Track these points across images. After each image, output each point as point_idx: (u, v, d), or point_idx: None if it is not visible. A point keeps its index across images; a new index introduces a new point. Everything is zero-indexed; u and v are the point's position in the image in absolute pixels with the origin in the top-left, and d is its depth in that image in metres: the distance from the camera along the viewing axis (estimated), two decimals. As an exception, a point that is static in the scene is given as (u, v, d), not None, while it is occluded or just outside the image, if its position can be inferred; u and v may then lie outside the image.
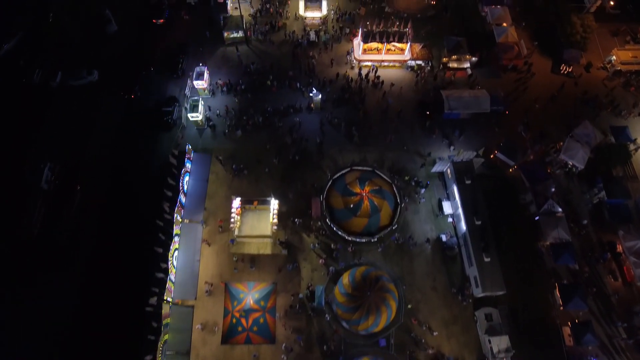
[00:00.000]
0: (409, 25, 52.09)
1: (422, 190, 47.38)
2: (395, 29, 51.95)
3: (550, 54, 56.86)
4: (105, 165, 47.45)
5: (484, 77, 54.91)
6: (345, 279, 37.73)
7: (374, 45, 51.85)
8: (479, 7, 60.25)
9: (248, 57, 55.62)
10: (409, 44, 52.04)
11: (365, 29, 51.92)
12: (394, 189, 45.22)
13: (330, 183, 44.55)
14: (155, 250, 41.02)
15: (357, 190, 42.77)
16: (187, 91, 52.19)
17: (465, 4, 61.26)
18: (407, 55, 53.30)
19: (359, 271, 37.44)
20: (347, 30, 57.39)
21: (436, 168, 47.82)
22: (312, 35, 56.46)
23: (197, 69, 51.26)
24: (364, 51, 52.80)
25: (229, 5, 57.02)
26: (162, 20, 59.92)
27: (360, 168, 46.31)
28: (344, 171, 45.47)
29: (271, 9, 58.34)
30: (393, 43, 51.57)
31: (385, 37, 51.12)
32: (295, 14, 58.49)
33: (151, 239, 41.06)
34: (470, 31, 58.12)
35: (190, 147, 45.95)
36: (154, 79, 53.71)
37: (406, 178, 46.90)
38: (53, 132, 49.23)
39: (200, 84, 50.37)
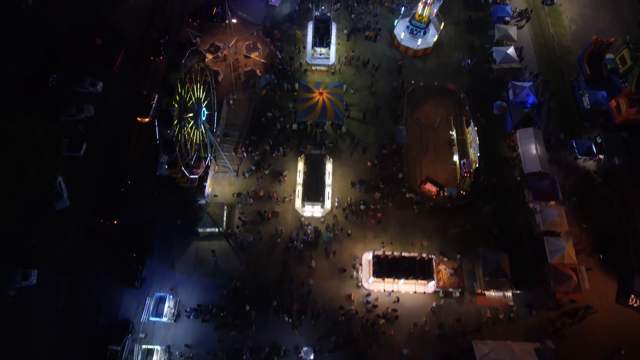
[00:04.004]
0: (436, 257, 39.81)
1: None
2: (417, 255, 39.73)
3: (614, 271, 44.10)
4: None
5: (527, 303, 42.42)
6: None
7: (388, 279, 39.67)
8: (525, 194, 47.40)
9: (227, 260, 43.59)
10: (434, 281, 39.66)
11: (376, 253, 39.81)
12: None
13: None
14: None
15: None
16: (143, 317, 40.55)
17: (508, 187, 48.41)
18: (431, 287, 40.98)
19: None
20: (363, 208, 45.56)
21: None
22: (310, 231, 44.35)
23: (157, 294, 39.84)
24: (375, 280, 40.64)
25: (207, 189, 44.99)
26: (147, 119, 50.43)
27: None
28: None
29: (261, 192, 46.21)
30: (414, 280, 39.30)
31: (402, 270, 38.82)
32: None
33: None
34: (514, 235, 45.52)
35: None
36: (106, 285, 42.39)
37: None
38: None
39: (158, 319, 38.98)
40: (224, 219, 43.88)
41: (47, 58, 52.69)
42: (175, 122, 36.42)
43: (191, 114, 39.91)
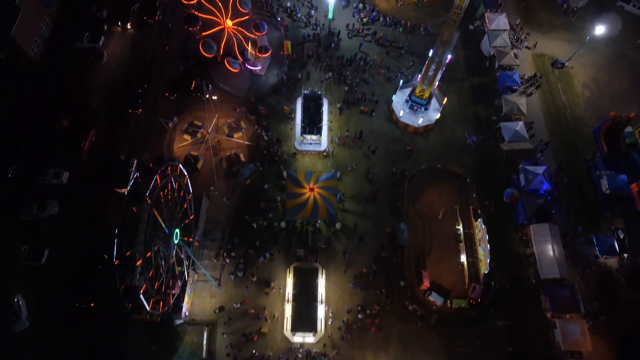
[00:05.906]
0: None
1: None
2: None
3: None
4: None
5: None
6: None
7: None
8: (542, 300, 42.45)
9: (210, 392, 38.69)
10: None
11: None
12: None
13: None
14: None
15: None
16: None
17: (523, 289, 43.41)
18: None
19: None
20: (361, 317, 40.69)
21: None
22: (302, 356, 39.16)
23: None
24: None
25: (185, 308, 39.69)
26: (124, 190, 44.86)
27: None
28: None
29: (251, 310, 40.84)
30: None
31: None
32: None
33: None
34: (531, 354, 40.53)
35: None
36: None
37: None
38: None
39: None
40: (204, 346, 38.70)
41: (4, 144, 47.26)
42: (139, 256, 31.24)
43: (161, 240, 34.72)
